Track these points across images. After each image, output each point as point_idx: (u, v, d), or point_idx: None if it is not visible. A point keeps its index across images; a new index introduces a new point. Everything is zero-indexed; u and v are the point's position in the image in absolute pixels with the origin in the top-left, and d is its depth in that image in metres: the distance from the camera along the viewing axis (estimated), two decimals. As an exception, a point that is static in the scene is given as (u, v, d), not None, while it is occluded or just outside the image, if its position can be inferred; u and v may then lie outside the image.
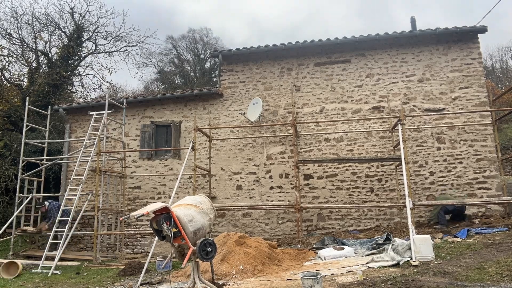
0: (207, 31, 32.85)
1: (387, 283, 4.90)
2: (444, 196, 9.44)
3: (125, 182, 11.16)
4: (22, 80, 17.57)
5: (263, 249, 6.96)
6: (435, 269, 5.42)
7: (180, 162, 11.37)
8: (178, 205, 5.20)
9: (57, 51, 18.23)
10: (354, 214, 10.30)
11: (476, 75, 10.46)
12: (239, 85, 11.64)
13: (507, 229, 7.71)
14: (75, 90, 19.80)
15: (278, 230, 10.56)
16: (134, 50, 27.66)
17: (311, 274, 4.86)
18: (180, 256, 5.11)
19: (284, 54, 11.46)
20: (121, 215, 10.91)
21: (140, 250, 11.07)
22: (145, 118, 12.08)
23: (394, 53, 10.95)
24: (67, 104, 13.24)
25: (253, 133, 11.23)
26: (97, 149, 10.00)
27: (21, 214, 10.97)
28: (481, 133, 10.12)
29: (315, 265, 6.68)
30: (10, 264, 8.48)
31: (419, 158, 10.24)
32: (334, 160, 9.96)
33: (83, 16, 18.93)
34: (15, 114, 15.01)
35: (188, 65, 29.41)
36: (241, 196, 10.94)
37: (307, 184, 10.64)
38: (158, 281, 6.55)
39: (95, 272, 8.15)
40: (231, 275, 6.05)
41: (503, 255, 5.87)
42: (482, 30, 10.39)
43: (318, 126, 10.87)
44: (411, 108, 10.51)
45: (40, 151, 12.66)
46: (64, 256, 9.38)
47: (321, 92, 11.10)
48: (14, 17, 17.54)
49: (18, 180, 11.41)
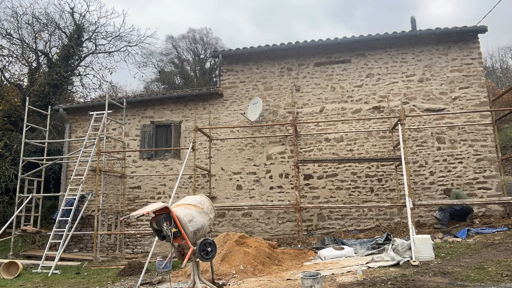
0: (207, 31, 32.83)
1: (387, 283, 4.90)
2: (456, 192, 8.96)
3: (125, 182, 11.16)
4: (22, 80, 17.60)
5: (263, 249, 6.96)
6: (435, 269, 5.41)
7: (180, 162, 11.37)
8: (178, 205, 5.19)
9: (57, 51, 18.25)
10: (354, 214, 10.30)
11: (476, 75, 10.46)
12: (239, 85, 11.64)
13: (507, 229, 7.70)
14: (75, 90, 19.86)
15: (278, 230, 10.56)
16: (134, 50, 27.74)
17: (311, 274, 4.85)
18: (180, 256, 5.11)
19: (284, 54, 11.46)
20: (121, 215, 10.91)
21: (140, 250, 11.07)
22: (145, 118, 12.08)
23: (394, 53, 10.95)
24: (67, 104, 13.24)
25: (253, 133, 11.23)
26: (97, 149, 10.00)
27: (21, 214, 10.97)
28: (481, 133, 10.12)
29: (315, 265, 6.68)
30: (10, 264, 8.48)
31: (419, 158, 10.24)
32: (334, 160, 9.96)
33: (83, 16, 18.99)
34: (15, 114, 15.02)
35: (188, 65, 29.39)
36: (241, 196, 10.94)
37: (307, 184, 10.64)
38: (158, 281, 6.56)
39: (95, 272, 8.15)
40: (231, 275, 6.05)
41: (503, 255, 5.87)
42: (482, 30, 10.39)
43: (318, 126, 10.87)
44: (411, 108, 10.51)
45: (40, 151, 12.67)
46: (64, 256, 9.38)
47: (321, 92, 11.10)
48: (14, 17, 17.59)
49: (18, 180, 11.42)
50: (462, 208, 8.69)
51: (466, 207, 8.73)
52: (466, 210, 8.77)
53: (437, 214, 9.02)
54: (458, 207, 8.67)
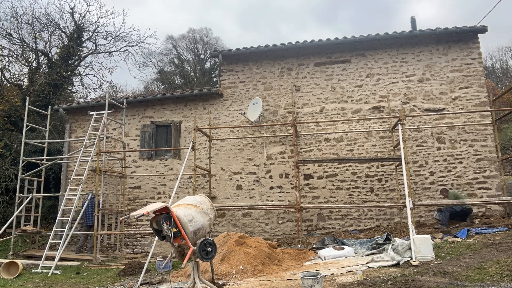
0: (207, 31, 32.86)
1: (387, 283, 4.90)
2: (454, 193, 9.02)
3: (125, 182, 11.16)
4: (22, 80, 17.60)
5: (263, 249, 6.96)
6: (435, 269, 5.41)
7: (180, 162, 11.37)
8: (178, 205, 5.19)
9: (57, 51, 18.25)
10: (354, 214, 10.30)
11: (476, 75, 10.46)
12: (239, 85, 11.64)
13: (507, 229, 7.70)
14: (75, 90, 19.85)
15: (278, 230, 10.56)
16: (134, 50, 27.60)
17: (311, 274, 4.85)
18: (180, 256, 5.11)
19: (284, 54, 11.46)
20: (121, 215, 10.91)
21: (140, 250, 11.08)
22: (145, 118, 12.08)
23: (394, 53, 10.95)
24: (67, 104, 13.24)
25: (253, 133, 11.23)
26: (97, 149, 10.00)
27: (21, 214, 10.97)
28: (481, 133, 10.12)
29: (315, 265, 6.68)
30: (10, 264, 8.48)
31: (419, 158, 10.24)
32: (334, 160, 9.96)
33: (83, 16, 19.00)
34: (15, 114, 15.01)
35: (188, 65, 29.39)
36: (241, 196, 10.94)
37: (307, 184, 10.64)
38: (158, 281, 6.56)
39: (95, 272, 8.14)
40: (231, 275, 6.05)
41: (503, 255, 5.87)
42: (482, 30, 10.39)
43: (318, 126, 10.87)
44: (411, 108, 10.52)
45: (40, 151, 12.67)
46: (64, 256, 9.38)
47: (321, 92, 11.10)
48: (14, 17, 17.59)
49: (18, 180, 11.42)
50: (463, 209, 8.69)
51: (466, 208, 8.72)
52: (466, 211, 8.77)
53: (436, 215, 9.03)
54: (458, 209, 8.65)
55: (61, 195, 11.39)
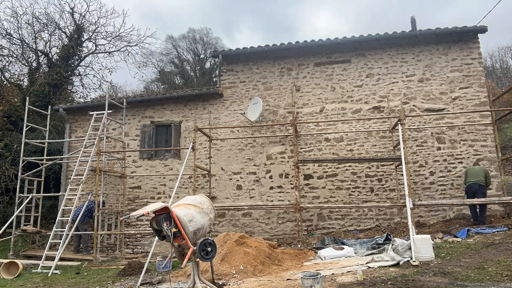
0: (207, 31, 32.79)
1: (387, 283, 4.90)
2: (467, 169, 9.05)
3: (125, 182, 11.16)
4: (22, 80, 17.60)
5: (263, 249, 6.96)
6: (435, 269, 5.41)
7: (180, 162, 11.37)
8: (178, 205, 5.19)
9: (57, 51, 18.25)
10: (354, 214, 10.29)
11: (476, 75, 10.46)
12: (239, 85, 11.64)
13: (507, 229, 7.71)
14: (75, 90, 19.85)
15: (278, 230, 10.56)
16: (134, 50, 27.68)
17: (311, 274, 4.85)
18: (180, 256, 5.11)
19: (284, 54, 11.46)
20: (121, 215, 10.91)
21: (140, 250, 11.08)
22: (145, 118, 12.08)
23: (394, 53, 10.95)
24: (67, 104, 13.25)
25: (253, 133, 11.23)
26: (97, 149, 9.99)
27: (21, 214, 10.97)
28: (481, 133, 10.12)
29: (315, 265, 6.68)
30: (10, 264, 8.47)
31: (419, 158, 10.24)
32: (334, 160, 9.96)
33: (83, 16, 18.97)
34: (15, 114, 15.01)
35: (188, 65, 29.41)
36: (241, 196, 10.94)
37: (307, 184, 10.64)
38: (158, 281, 6.56)
39: (95, 272, 8.14)
40: (231, 275, 6.05)
41: (503, 255, 5.87)
42: (482, 30, 10.39)
43: (318, 126, 10.87)
44: (411, 108, 10.51)
45: (40, 151, 12.67)
46: (64, 256, 9.38)
47: (321, 92, 11.10)
48: (14, 17, 17.63)
49: (18, 180, 11.42)
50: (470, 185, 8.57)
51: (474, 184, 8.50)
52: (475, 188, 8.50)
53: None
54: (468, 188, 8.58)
55: (61, 195, 11.39)
